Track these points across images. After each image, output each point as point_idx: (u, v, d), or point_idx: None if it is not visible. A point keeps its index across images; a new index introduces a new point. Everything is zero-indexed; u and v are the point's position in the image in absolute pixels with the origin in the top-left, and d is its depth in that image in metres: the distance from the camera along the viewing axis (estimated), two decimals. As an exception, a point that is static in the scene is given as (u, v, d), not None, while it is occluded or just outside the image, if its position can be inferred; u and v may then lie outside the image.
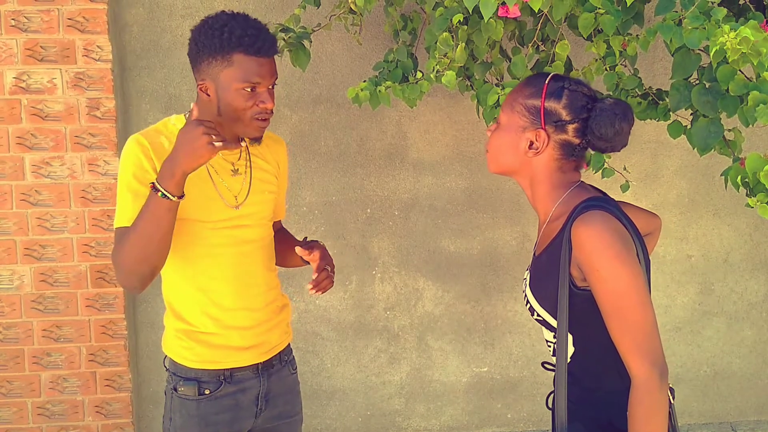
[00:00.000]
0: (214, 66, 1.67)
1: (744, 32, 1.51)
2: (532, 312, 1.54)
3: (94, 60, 2.62)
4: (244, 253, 1.82)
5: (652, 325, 1.36)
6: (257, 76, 1.67)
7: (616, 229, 1.38)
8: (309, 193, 2.90)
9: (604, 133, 1.45)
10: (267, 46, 1.68)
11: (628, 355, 1.36)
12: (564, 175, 1.51)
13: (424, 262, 2.98)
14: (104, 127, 2.66)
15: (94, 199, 2.69)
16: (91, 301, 2.74)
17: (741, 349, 3.13)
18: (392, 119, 2.89)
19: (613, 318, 1.36)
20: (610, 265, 1.35)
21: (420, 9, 2.46)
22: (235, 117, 1.70)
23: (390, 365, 3.04)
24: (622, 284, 1.35)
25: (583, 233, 1.38)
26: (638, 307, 1.35)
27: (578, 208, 1.43)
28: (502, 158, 1.54)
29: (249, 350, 1.85)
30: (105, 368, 2.78)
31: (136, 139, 1.72)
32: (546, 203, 1.52)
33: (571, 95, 1.48)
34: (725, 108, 1.84)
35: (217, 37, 1.66)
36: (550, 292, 1.46)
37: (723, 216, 3.04)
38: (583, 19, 1.90)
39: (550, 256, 1.47)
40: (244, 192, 1.82)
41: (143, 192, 1.70)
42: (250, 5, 2.76)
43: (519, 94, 1.52)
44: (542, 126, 1.48)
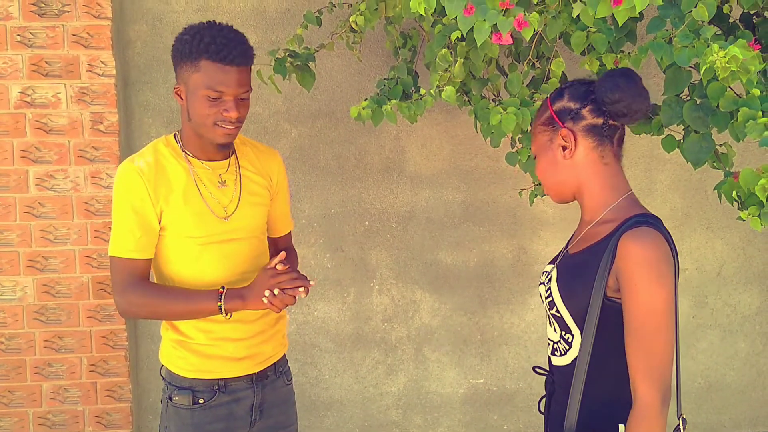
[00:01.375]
0: (185, 70, 1.72)
1: (733, 51, 1.55)
2: (552, 306, 1.55)
3: (97, 75, 2.67)
4: (236, 266, 1.84)
5: (669, 354, 1.38)
6: (221, 84, 1.69)
7: (665, 251, 1.40)
8: (308, 206, 2.93)
9: (611, 97, 1.47)
10: (233, 55, 1.69)
11: (638, 376, 1.37)
12: (608, 168, 1.53)
13: (422, 274, 3.02)
14: (107, 141, 2.70)
15: (96, 211, 2.72)
16: (93, 312, 2.77)
17: (735, 362, 3.16)
18: (390, 133, 2.94)
19: (635, 336, 1.38)
20: (649, 284, 1.36)
21: (419, 27, 2.51)
22: (200, 122, 1.74)
23: (387, 376, 3.06)
24: (655, 306, 1.36)
25: (632, 247, 1.39)
26: (662, 332, 1.37)
27: (631, 221, 1.44)
28: (550, 179, 1.57)
29: (243, 361, 1.87)
30: (106, 379, 2.80)
31: (135, 169, 1.75)
32: (595, 203, 1.53)
33: (570, 90, 1.55)
34: (716, 123, 1.89)
35: (188, 43, 1.71)
36: (579, 294, 1.47)
37: (716, 230, 3.08)
38: (575, 37, 1.95)
39: (588, 259, 1.48)
40: (233, 204, 1.84)
41: (142, 224, 1.76)
42: (250, 22, 2.81)
43: (535, 123, 1.61)
44: (561, 125, 1.53)
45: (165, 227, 1.78)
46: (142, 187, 1.74)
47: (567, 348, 1.53)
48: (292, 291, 1.71)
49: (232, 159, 1.87)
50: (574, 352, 1.51)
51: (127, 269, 1.76)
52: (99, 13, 2.64)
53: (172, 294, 1.76)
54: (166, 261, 1.81)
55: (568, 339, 1.53)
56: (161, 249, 1.81)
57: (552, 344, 1.60)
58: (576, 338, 1.50)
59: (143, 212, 1.75)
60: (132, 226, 1.75)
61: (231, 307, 1.74)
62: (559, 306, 1.53)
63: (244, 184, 1.87)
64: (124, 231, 1.75)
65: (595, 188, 1.53)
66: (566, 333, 1.53)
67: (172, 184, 1.77)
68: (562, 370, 1.56)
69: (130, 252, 1.76)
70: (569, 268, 1.55)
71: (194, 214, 1.78)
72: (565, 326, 1.52)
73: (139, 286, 1.76)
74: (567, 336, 1.53)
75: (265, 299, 1.70)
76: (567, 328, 1.52)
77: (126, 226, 1.75)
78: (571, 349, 1.52)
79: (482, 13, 1.63)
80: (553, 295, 1.54)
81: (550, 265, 1.64)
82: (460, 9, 1.64)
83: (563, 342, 1.54)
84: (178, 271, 1.81)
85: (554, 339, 1.58)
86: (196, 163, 1.81)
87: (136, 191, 1.74)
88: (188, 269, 1.80)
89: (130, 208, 1.74)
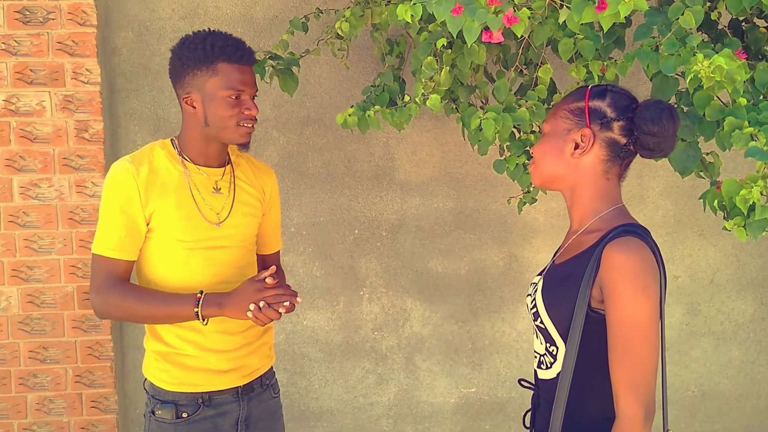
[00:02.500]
0: (199, 77, 1.74)
1: (718, 60, 1.53)
2: (536, 317, 1.52)
3: (82, 83, 2.64)
4: (221, 274, 1.82)
5: (653, 367, 1.35)
6: (241, 84, 1.75)
7: (650, 262, 1.37)
8: (297, 214, 2.91)
9: (650, 128, 1.44)
10: (248, 55, 1.78)
11: (621, 390, 1.35)
12: (608, 183, 1.50)
13: (412, 282, 2.99)
14: (92, 149, 2.67)
15: (81, 220, 2.70)
16: (78, 323, 2.74)
17: (728, 370, 3.13)
18: (380, 141, 2.92)
19: (618, 348, 1.35)
20: (633, 295, 1.33)
21: (406, 33, 2.49)
22: (221, 125, 1.76)
23: (378, 386, 3.03)
24: (639, 317, 1.33)
25: (616, 257, 1.36)
26: (646, 344, 1.34)
27: (616, 230, 1.42)
28: (547, 165, 1.53)
29: (228, 373, 1.85)
30: (91, 390, 2.77)
31: (128, 169, 1.75)
32: (585, 212, 1.51)
33: (614, 95, 1.50)
34: (703, 132, 1.86)
35: (201, 49, 1.73)
36: (562, 304, 1.44)
37: (708, 237, 3.05)
38: (563, 44, 1.92)
39: (573, 269, 1.45)
40: (225, 211, 1.83)
41: (128, 224, 1.75)
42: (238, 29, 2.79)
43: (562, 104, 1.54)
44: (587, 124, 1.48)
45: (153, 229, 1.76)
46: (133, 187, 1.73)
47: (552, 361, 1.50)
48: (278, 306, 1.68)
49: (227, 168, 1.88)
50: (558, 366, 1.47)
51: (107, 268, 1.75)
52: (84, 20, 2.62)
53: (149, 296, 1.75)
54: (151, 264, 1.80)
55: (552, 352, 1.50)
56: (147, 252, 1.79)
57: (538, 357, 1.57)
58: (560, 351, 1.47)
59: (131, 213, 1.74)
60: (118, 225, 1.74)
61: (208, 313, 1.72)
62: (543, 317, 1.50)
63: (238, 193, 1.87)
64: (110, 229, 1.74)
65: (586, 196, 1.51)
66: (551, 345, 1.50)
67: (165, 187, 1.76)
68: (548, 383, 1.53)
69: (112, 251, 1.75)
70: (554, 279, 1.52)
71: (185, 217, 1.77)
72: (549, 338, 1.50)
73: (117, 287, 1.74)
74: (552, 348, 1.50)
75: (250, 313, 1.68)
76: (551, 340, 1.49)
77: (112, 225, 1.74)
78: (555, 362, 1.49)
79: (471, 13, 1.61)
80: (538, 306, 1.52)
81: (539, 276, 1.61)
82: (448, 11, 1.62)
83: (548, 355, 1.51)
84: (163, 274, 1.79)
85: (540, 351, 1.55)
86: (192, 168, 1.81)
87: (126, 191, 1.73)
88: (173, 273, 1.78)
89: (117, 208, 1.73)
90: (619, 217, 1.48)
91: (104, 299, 1.75)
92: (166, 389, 1.83)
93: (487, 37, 1.67)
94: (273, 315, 1.68)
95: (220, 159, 1.86)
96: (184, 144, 1.82)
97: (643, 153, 1.50)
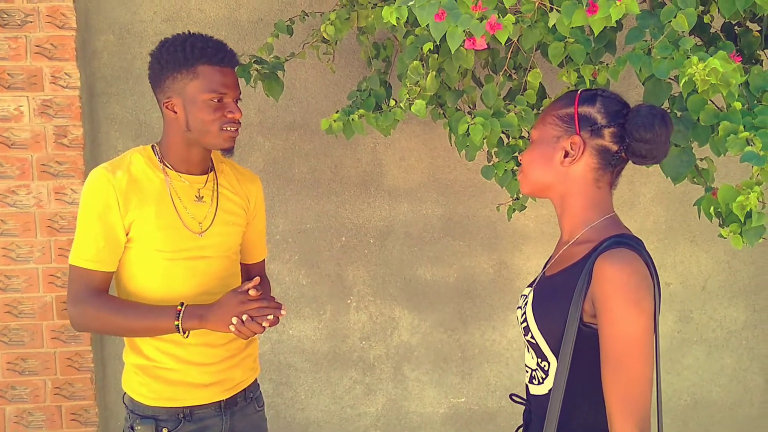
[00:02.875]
0: (180, 80, 1.68)
1: (713, 63, 1.49)
2: (527, 332, 1.46)
3: (61, 87, 2.58)
4: (203, 285, 1.77)
5: (647, 383, 1.29)
6: (223, 87, 1.69)
7: (643, 274, 1.32)
8: (282, 221, 2.85)
9: (642, 135, 1.39)
10: (229, 57, 1.72)
11: (614, 408, 1.29)
12: (599, 192, 1.45)
13: (400, 290, 2.94)
14: (72, 155, 2.60)
15: (60, 228, 2.62)
16: (57, 333, 2.66)
17: (721, 378, 3.09)
18: (367, 146, 2.86)
19: (612, 364, 1.29)
20: (626, 310, 1.28)
21: (393, 37, 2.44)
22: (204, 130, 1.70)
23: (365, 396, 2.97)
24: (633, 332, 1.28)
25: (608, 269, 1.30)
26: (641, 360, 1.28)
27: (608, 241, 1.37)
28: (535, 173, 1.48)
29: (210, 387, 1.80)
30: (71, 402, 2.69)
31: (106, 176, 1.69)
32: (575, 222, 1.46)
33: (605, 100, 1.45)
34: (696, 137, 1.82)
35: (180, 52, 1.68)
36: (553, 318, 1.39)
37: (700, 243, 3.02)
38: (553, 48, 1.88)
39: (564, 282, 1.40)
40: (208, 220, 1.78)
41: (106, 234, 1.69)
42: (222, 33, 2.73)
43: (551, 109, 1.49)
44: (577, 131, 1.43)
45: (133, 239, 1.71)
46: (112, 195, 1.67)
47: (544, 377, 1.45)
48: (261, 319, 1.62)
49: (210, 175, 1.82)
50: (551, 382, 1.42)
51: (84, 280, 1.70)
52: (63, 23, 2.56)
53: (127, 308, 1.69)
54: (131, 275, 1.74)
55: (544, 367, 1.45)
56: (126, 262, 1.73)
57: (530, 371, 1.51)
58: (552, 366, 1.41)
59: (109, 222, 1.68)
60: (96, 235, 1.68)
61: (189, 325, 1.66)
62: (534, 332, 1.44)
63: (221, 201, 1.82)
64: (87, 240, 1.69)
65: (577, 206, 1.46)
66: (542, 361, 1.45)
67: (145, 195, 1.71)
68: (540, 399, 1.47)
69: (90, 262, 1.69)
70: (545, 292, 1.46)
71: (166, 227, 1.71)
72: (541, 353, 1.45)
73: (95, 299, 1.69)
74: (543, 364, 1.45)
75: (232, 326, 1.62)
76: (543, 355, 1.44)
77: (89, 235, 1.68)
78: (547, 378, 1.43)
79: (454, 19, 1.56)
80: (528, 321, 1.46)
81: (529, 288, 1.56)
82: (431, 15, 1.57)
83: (540, 370, 1.46)
84: (143, 286, 1.73)
85: (532, 366, 1.50)
86: (174, 176, 1.75)
87: (104, 199, 1.67)
88: (154, 285, 1.73)
89: (95, 217, 1.67)
90: (611, 227, 1.43)
91: (81, 312, 1.70)
92: (146, 404, 1.77)
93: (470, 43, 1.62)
94: (256, 328, 1.62)
95: (203, 166, 1.80)
96: (166, 150, 1.77)
97: (635, 160, 1.45)
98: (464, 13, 1.55)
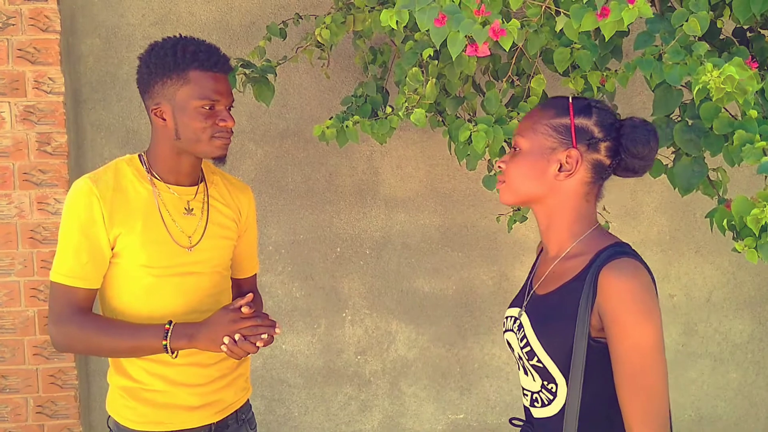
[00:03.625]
0: (169, 86, 1.59)
1: (728, 70, 1.41)
2: (531, 356, 1.40)
3: (45, 92, 2.48)
4: (193, 302, 1.68)
5: (665, 392, 1.27)
6: (215, 93, 1.60)
7: (648, 282, 1.29)
8: (275, 232, 2.76)
9: (640, 151, 1.37)
10: (222, 62, 1.63)
11: (635, 421, 1.26)
12: (587, 205, 1.42)
13: (397, 303, 2.85)
14: (55, 164, 2.51)
15: (43, 239, 2.52)
16: (39, 349, 2.56)
17: (726, 393, 3.01)
18: (363, 154, 2.78)
19: (627, 377, 1.26)
20: (636, 321, 1.25)
21: (390, 42, 2.36)
22: (194, 138, 1.61)
23: (361, 413, 2.88)
24: (646, 343, 1.26)
25: (614, 282, 1.27)
26: (656, 371, 1.26)
27: (605, 252, 1.34)
28: (525, 186, 1.41)
29: (200, 410, 1.71)
30: (54, 421, 2.59)
31: (90, 188, 1.60)
32: (563, 237, 1.42)
33: (600, 112, 1.40)
34: (709, 147, 1.74)
35: (170, 56, 1.58)
36: (560, 339, 1.34)
37: (705, 254, 2.94)
38: (558, 53, 1.80)
39: (564, 299, 1.36)
40: (198, 234, 1.69)
41: (90, 249, 1.60)
42: (213, 36, 2.65)
43: (541, 116, 1.42)
44: (574, 144, 1.38)
45: (118, 254, 1.62)
46: (96, 208, 1.58)
47: (551, 398, 1.39)
48: (255, 338, 1.54)
49: (200, 186, 1.73)
50: (560, 402, 1.36)
51: (65, 297, 1.60)
52: (47, 26, 2.46)
53: (112, 327, 1.60)
54: (116, 292, 1.65)
55: (551, 389, 1.38)
56: (112, 278, 1.65)
57: (530, 394, 1.44)
58: (561, 387, 1.36)
59: (93, 236, 1.59)
60: (78, 250, 1.59)
61: (177, 345, 1.57)
62: (541, 356, 1.38)
63: (212, 214, 1.73)
64: (69, 255, 1.60)
65: (566, 221, 1.41)
66: (549, 383, 1.38)
67: (132, 208, 1.62)
68: (545, 422, 1.41)
69: (72, 279, 1.60)
70: (545, 311, 1.40)
71: (153, 242, 1.62)
72: (548, 376, 1.38)
73: (77, 317, 1.59)
74: (550, 386, 1.38)
75: (224, 346, 1.54)
76: (550, 377, 1.38)
77: (71, 250, 1.59)
78: (556, 399, 1.38)
79: (456, 23, 1.47)
80: (532, 345, 1.40)
81: (515, 308, 1.49)
82: (432, 20, 1.49)
83: (546, 392, 1.40)
84: (129, 303, 1.65)
85: (533, 389, 1.43)
86: (162, 187, 1.67)
87: (88, 212, 1.58)
88: (140, 302, 1.64)
89: (78, 231, 1.58)
90: (601, 238, 1.39)
91: (63, 331, 1.61)
92: (133, 428, 1.69)
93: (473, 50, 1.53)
94: (249, 348, 1.54)
95: (193, 176, 1.71)
96: (154, 160, 1.67)
97: (622, 174, 1.43)
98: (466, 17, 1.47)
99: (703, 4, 1.65)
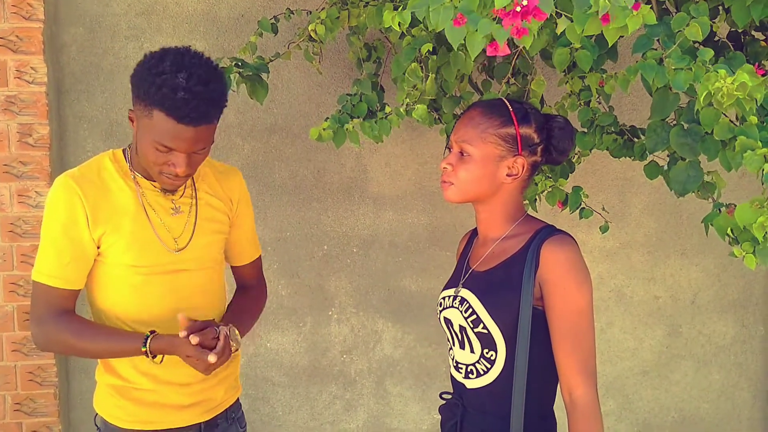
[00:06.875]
0: (138, 108, 1.52)
1: (742, 77, 1.40)
2: (476, 324, 1.53)
3: (27, 82, 2.41)
4: (184, 300, 1.65)
5: (594, 346, 1.50)
6: (172, 141, 1.48)
7: (581, 255, 1.51)
8: (261, 229, 2.72)
9: (566, 148, 1.59)
10: (193, 115, 1.46)
11: (574, 375, 1.46)
12: (520, 196, 1.60)
13: (384, 302, 2.83)
14: (37, 156, 2.44)
15: (23, 233, 2.46)
16: (18, 345, 2.50)
17: (709, 394, 3.04)
18: (351, 151, 2.75)
19: (567, 337, 1.46)
20: (577, 286, 1.46)
21: (385, 38, 2.33)
22: (144, 164, 1.57)
23: (346, 412, 2.86)
24: (585, 306, 1.47)
25: (558, 253, 1.48)
26: (590, 329, 1.48)
27: (543, 231, 1.54)
28: (474, 189, 1.55)
29: (189, 408, 1.69)
30: (32, 419, 2.54)
31: (72, 186, 1.54)
32: (501, 222, 1.59)
33: (535, 116, 1.57)
34: (706, 151, 1.74)
35: (148, 83, 1.47)
36: (507, 307, 1.50)
37: (691, 256, 2.96)
38: (558, 54, 1.79)
39: (509, 272, 1.52)
40: (187, 234, 1.65)
41: (73, 249, 1.56)
42: (200, 28, 2.59)
43: (487, 125, 1.54)
44: (520, 152, 1.54)
45: (104, 253, 1.58)
46: (79, 207, 1.53)
47: (488, 367, 1.53)
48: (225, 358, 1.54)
49: (188, 182, 1.67)
50: (497, 369, 1.52)
51: (47, 297, 1.56)
52: (30, 14, 2.39)
53: (94, 331, 1.58)
54: (103, 291, 1.62)
55: (490, 357, 1.53)
56: (97, 278, 1.61)
57: (465, 367, 1.58)
58: (500, 353, 1.51)
59: (76, 236, 1.54)
60: (60, 250, 1.54)
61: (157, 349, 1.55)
62: (487, 322, 1.51)
63: (201, 210, 1.68)
64: (51, 255, 1.55)
65: (504, 210, 1.58)
66: (489, 350, 1.53)
67: (116, 206, 1.57)
68: (479, 392, 1.55)
69: (53, 279, 1.55)
70: (491, 284, 1.54)
71: (139, 241, 1.58)
72: (489, 343, 1.52)
73: (60, 318, 1.56)
74: (489, 353, 1.53)
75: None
76: (492, 344, 1.52)
77: (53, 250, 1.55)
78: (493, 367, 1.53)
79: (474, 23, 1.45)
80: (479, 313, 1.53)
81: (450, 289, 1.63)
82: (449, 20, 1.46)
83: (484, 361, 1.54)
84: (116, 302, 1.61)
85: (469, 361, 1.56)
86: (146, 185, 1.61)
87: (70, 212, 1.53)
88: (129, 302, 1.60)
89: (60, 230, 1.54)
90: (534, 221, 1.59)
91: (45, 332, 1.58)
92: (121, 427, 1.66)
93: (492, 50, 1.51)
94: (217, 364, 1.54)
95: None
96: (135, 157, 1.62)
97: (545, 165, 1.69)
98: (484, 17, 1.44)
99: (703, 9, 1.64)
